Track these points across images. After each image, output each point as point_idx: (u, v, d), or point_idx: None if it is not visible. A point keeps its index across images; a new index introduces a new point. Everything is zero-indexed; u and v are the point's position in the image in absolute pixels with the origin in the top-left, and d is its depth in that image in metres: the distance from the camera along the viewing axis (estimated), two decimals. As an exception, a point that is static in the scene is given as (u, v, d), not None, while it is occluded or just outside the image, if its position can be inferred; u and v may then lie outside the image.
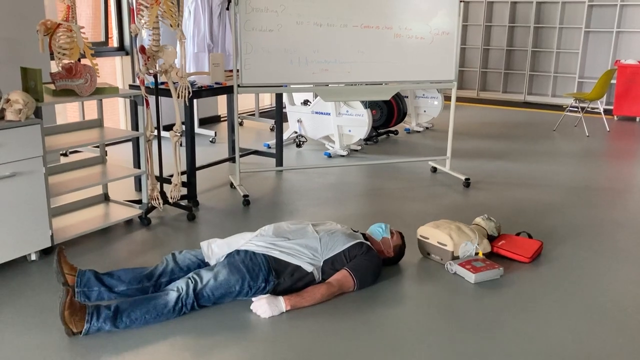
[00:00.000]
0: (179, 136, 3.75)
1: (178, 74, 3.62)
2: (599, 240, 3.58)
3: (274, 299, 2.61)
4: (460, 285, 2.92)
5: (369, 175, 5.00)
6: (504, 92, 9.90)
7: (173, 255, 2.84)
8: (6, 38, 4.41)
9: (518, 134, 6.94)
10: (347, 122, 5.69)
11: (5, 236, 2.89)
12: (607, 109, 8.47)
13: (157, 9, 3.43)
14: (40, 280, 2.88)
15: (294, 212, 4.00)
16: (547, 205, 4.24)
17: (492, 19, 9.91)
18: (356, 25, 4.32)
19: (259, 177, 4.89)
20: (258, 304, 2.60)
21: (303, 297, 2.66)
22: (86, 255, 3.21)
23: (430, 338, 2.42)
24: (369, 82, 4.52)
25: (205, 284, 2.60)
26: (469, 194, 4.51)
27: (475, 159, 5.63)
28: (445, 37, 4.61)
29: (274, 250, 2.77)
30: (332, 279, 2.78)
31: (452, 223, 3.27)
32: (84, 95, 3.31)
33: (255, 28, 4.03)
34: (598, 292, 2.88)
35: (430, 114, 6.99)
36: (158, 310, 2.49)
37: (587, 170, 5.26)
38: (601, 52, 9.06)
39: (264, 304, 2.58)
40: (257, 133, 6.81)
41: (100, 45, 6.01)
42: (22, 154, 2.90)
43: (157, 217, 3.84)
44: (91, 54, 3.37)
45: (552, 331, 2.50)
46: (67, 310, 2.36)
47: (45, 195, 3.05)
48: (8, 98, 2.86)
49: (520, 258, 3.21)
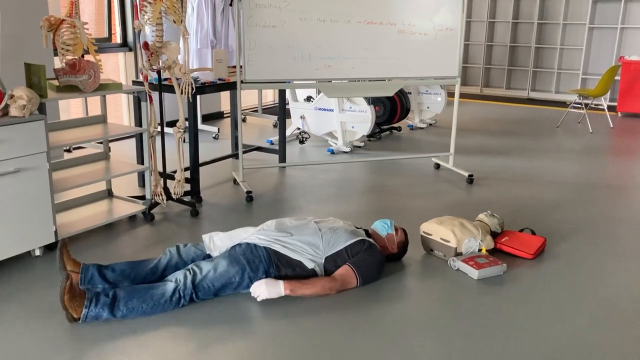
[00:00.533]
0: (182, 132, 3.76)
1: (181, 70, 3.62)
2: (602, 236, 3.57)
3: (273, 282, 2.62)
4: (463, 282, 2.92)
5: (372, 172, 5.00)
6: (507, 89, 9.88)
7: (177, 248, 2.84)
8: (10, 34, 4.41)
9: (521, 130, 6.92)
10: (350, 119, 5.69)
11: (9, 232, 2.90)
12: (611, 106, 8.45)
13: (160, 5, 3.43)
14: (44, 275, 2.90)
15: (296, 209, 4.00)
16: (551, 202, 4.23)
17: (496, 15, 9.89)
18: (359, 21, 4.32)
19: (262, 174, 4.89)
20: (256, 284, 2.62)
21: (303, 283, 2.67)
22: (90, 250, 3.22)
23: (432, 334, 2.42)
24: (372, 78, 4.51)
25: (204, 275, 2.61)
26: (472, 190, 4.51)
27: (478, 156, 5.63)
28: (449, 33, 4.60)
29: (276, 245, 2.77)
30: (335, 274, 2.78)
31: (455, 219, 3.27)
32: (87, 91, 3.31)
33: (259, 24, 4.03)
34: (601, 288, 2.88)
35: (434, 110, 6.98)
36: (155, 300, 2.50)
37: (591, 167, 5.25)
38: (605, 48, 9.03)
39: (261, 285, 2.60)
40: (260, 129, 6.81)
41: (103, 41, 6.02)
42: (26, 149, 2.91)
43: (161, 213, 3.85)
44: (94, 50, 3.38)
45: (555, 327, 2.50)
46: (66, 294, 2.39)
47: (49, 191, 3.06)
48: (12, 94, 2.87)
49: (524, 254, 3.21)
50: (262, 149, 5.28)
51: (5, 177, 2.84)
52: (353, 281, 2.78)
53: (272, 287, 2.60)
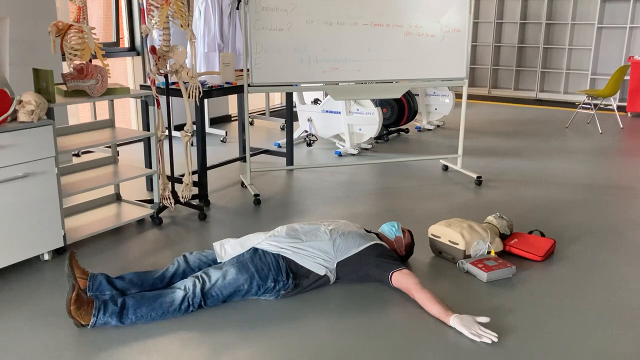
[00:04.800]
0: (189, 136, 3.76)
1: (189, 74, 3.63)
2: (612, 238, 3.54)
3: (458, 319, 2.47)
4: (472, 284, 2.90)
5: (379, 174, 4.99)
6: (515, 90, 9.84)
7: (184, 256, 2.85)
8: (19, 39, 4.44)
9: (530, 131, 6.89)
10: (358, 121, 5.68)
11: (18, 236, 2.92)
12: (621, 106, 8.39)
13: (167, 9, 3.44)
14: (53, 279, 2.90)
15: (304, 211, 4.00)
16: (560, 204, 4.20)
17: (504, 16, 9.85)
18: (366, 23, 4.31)
19: (269, 176, 4.89)
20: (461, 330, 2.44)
21: (434, 306, 2.55)
22: (98, 255, 3.23)
23: (441, 337, 2.41)
24: (379, 80, 4.50)
25: (213, 283, 2.60)
26: (481, 192, 4.49)
27: (487, 157, 5.60)
28: (456, 34, 4.58)
29: (286, 251, 2.77)
30: (405, 289, 2.69)
31: (464, 221, 3.25)
32: (95, 96, 3.33)
33: (265, 27, 4.03)
34: (611, 291, 2.85)
35: (441, 112, 6.96)
36: (164, 308, 2.50)
37: (600, 168, 5.21)
38: (614, 48, 8.97)
39: (463, 328, 2.43)
40: (268, 132, 6.82)
41: (111, 45, 6.05)
42: (35, 154, 2.92)
43: (169, 217, 3.85)
44: (102, 55, 3.39)
45: (564, 331, 2.48)
46: (73, 305, 2.40)
47: (57, 195, 3.07)
48: (21, 99, 2.88)
49: (533, 257, 3.19)
50: (270, 152, 5.28)
51: (14, 182, 2.85)
52: (406, 278, 2.71)
53: (465, 322, 2.45)
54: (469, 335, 2.38)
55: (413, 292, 2.64)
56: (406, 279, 2.69)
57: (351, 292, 2.80)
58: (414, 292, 2.63)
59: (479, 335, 2.37)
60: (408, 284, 2.67)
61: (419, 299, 2.60)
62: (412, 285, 2.65)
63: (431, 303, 2.55)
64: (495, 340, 2.35)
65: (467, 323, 2.43)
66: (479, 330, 2.39)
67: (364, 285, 2.86)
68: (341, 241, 2.84)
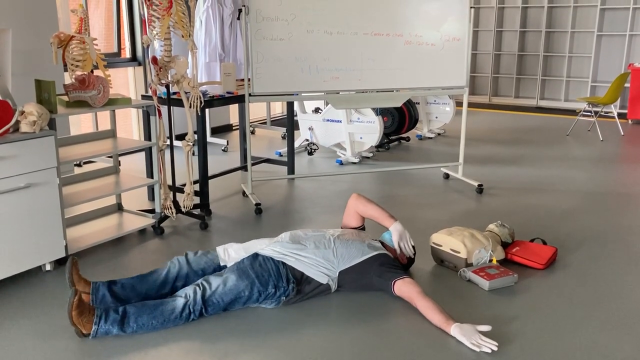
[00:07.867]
0: (191, 145, 3.77)
1: (190, 84, 3.64)
2: (614, 246, 3.54)
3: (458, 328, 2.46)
4: (474, 293, 2.90)
5: (381, 182, 4.99)
6: (516, 97, 9.85)
7: (186, 257, 2.82)
8: (21, 50, 4.47)
9: (531, 139, 6.89)
10: (359, 129, 5.69)
11: (20, 247, 2.92)
12: (621, 113, 8.39)
13: (168, 19, 3.46)
14: (54, 290, 2.90)
15: (306, 220, 4.00)
16: (562, 211, 4.20)
17: (503, 24, 9.89)
18: (366, 32, 4.33)
19: (271, 185, 4.90)
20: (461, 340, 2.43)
21: (435, 315, 2.55)
22: (100, 265, 3.23)
23: (443, 346, 2.40)
24: (380, 89, 4.52)
25: (214, 290, 2.60)
26: (482, 200, 4.49)
27: (488, 165, 5.60)
28: (456, 43, 4.60)
29: (289, 258, 2.76)
30: (407, 298, 2.68)
31: (466, 230, 3.25)
32: (97, 106, 3.34)
33: (266, 37, 4.05)
34: (613, 299, 2.85)
35: (442, 120, 6.97)
36: (165, 317, 2.50)
37: (602, 175, 5.21)
38: (614, 55, 8.99)
39: (463, 338, 2.42)
40: (269, 141, 6.83)
41: (112, 56, 6.08)
42: (37, 165, 2.93)
43: (170, 226, 3.86)
44: (104, 65, 3.41)
45: (566, 339, 2.47)
46: (74, 310, 2.40)
47: (59, 205, 3.08)
48: (23, 110, 2.89)
49: (535, 265, 3.18)
50: (271, 161, 5.29)
51: (16, 193, 2.86)
52: (408, 286, 2.70)
53: (465, 332, 2.44)
54: (469, 345, 2.38)
55: (415, 300, 2.63)
56: (408, 287, 2.68)
57: (352, 301, 2.79)
58: (416, 300, 2.62)
59: (479, 345, 2.36)
60: (410, 292, 2.66)
61: (421, 307, 2.60)
62: (414, 294, 2.64)
63: (432, 312, 2.54)
64: (496, 350, 2.35)
65: (468, 333, 2.42)
66: (479, 340, 2.38)
67: (365, 294, 2.85)
68: (343, 250, 2.84)
